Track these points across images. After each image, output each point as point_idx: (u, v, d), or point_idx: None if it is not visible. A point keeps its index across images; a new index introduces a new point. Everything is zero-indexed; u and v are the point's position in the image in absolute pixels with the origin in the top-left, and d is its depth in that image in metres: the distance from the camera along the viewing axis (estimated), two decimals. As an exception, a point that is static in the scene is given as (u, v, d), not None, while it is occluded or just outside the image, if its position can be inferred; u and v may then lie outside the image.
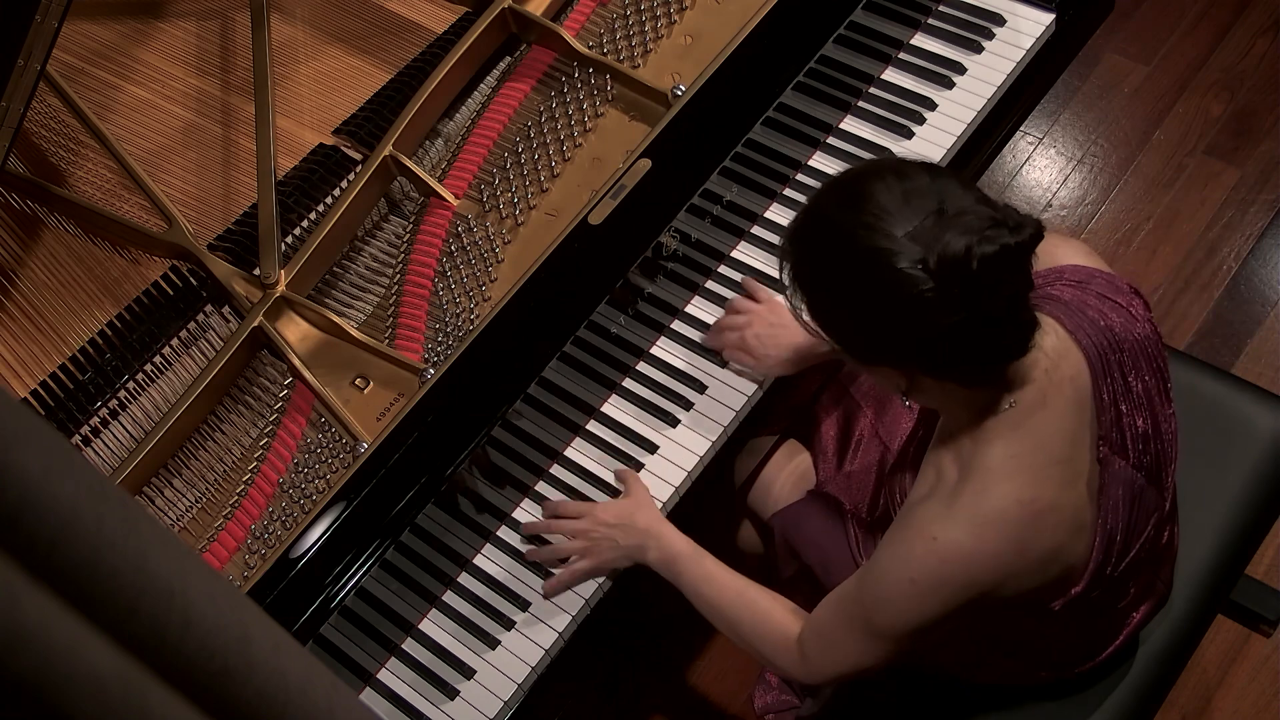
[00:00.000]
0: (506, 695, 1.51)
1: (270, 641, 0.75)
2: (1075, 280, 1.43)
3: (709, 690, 2.24)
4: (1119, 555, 1.42)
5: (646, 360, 1.70)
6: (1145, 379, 1.40)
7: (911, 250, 1.18)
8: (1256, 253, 2.58)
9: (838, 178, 1.30)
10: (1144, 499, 1.42)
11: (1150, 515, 1.45)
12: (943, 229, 1.18)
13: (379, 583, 1.54)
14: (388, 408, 1.60)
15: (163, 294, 1.70)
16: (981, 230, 1.17)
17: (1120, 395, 1.37)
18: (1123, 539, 1.41)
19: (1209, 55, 2.83)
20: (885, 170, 1.25)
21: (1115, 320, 1.39)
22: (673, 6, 1.85)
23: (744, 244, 1.76)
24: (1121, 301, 1.41)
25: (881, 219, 1.20)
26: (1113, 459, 1.38)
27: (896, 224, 1.19)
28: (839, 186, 1.28)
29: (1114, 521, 1.39)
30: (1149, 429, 1.41)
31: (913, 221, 1.19)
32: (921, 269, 1.18)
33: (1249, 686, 2.16)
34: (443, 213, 1.74)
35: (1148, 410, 1.40)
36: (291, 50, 1.92)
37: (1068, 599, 1.41)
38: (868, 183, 1.23)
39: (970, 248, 1.16)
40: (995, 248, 1.16)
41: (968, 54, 1.85)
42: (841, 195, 1.26)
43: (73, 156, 1.85)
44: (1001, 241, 1.16)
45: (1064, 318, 1.36)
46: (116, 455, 1.61)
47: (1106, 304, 1.40)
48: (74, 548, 0.61)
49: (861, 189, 1.23)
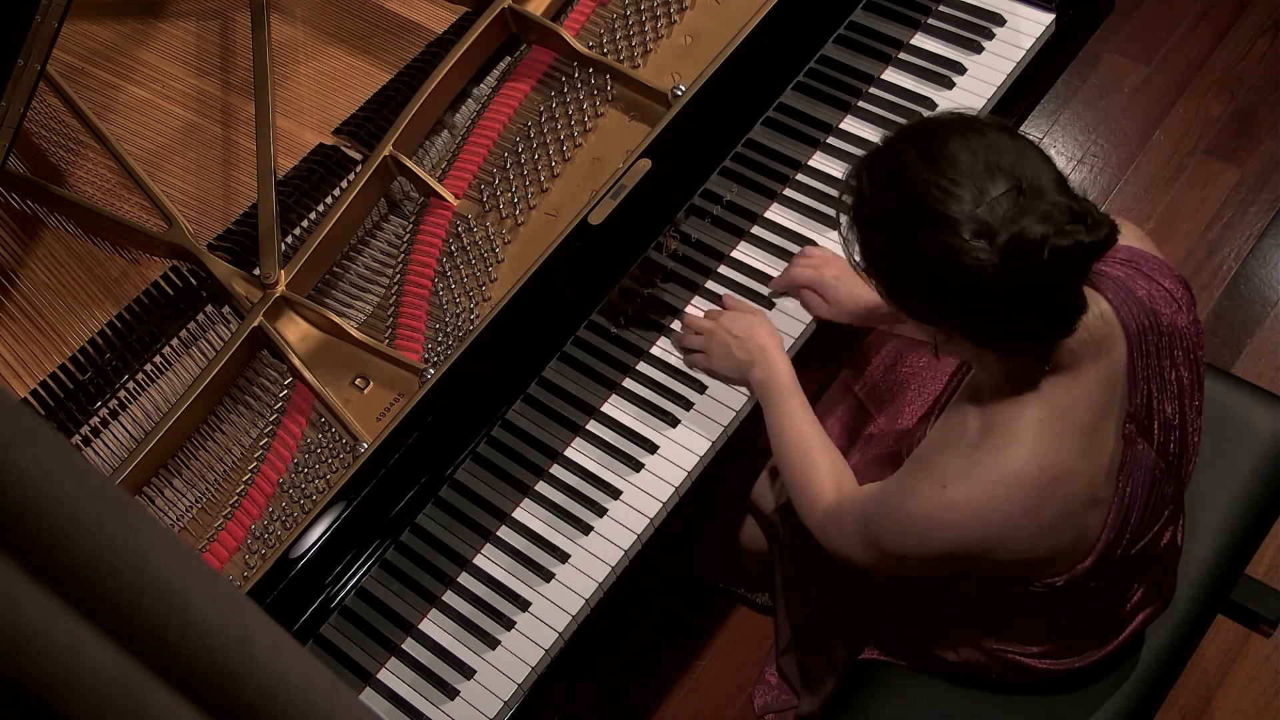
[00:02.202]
0: (506, 695, 1.51)
1: (270, 642, 0.75)
2: (1126, 259, 1.41)
3: (709, 690, 2.24)
4: (1131, 538, 1.41)
5: (646, 360, 1.70)
6: (1180, 370, 1.40)
7: (982, 223, 1.16)
8: (1256, 253, 2.58)
9: (921, 124, 1.27)
10: (1162, 487, 1.42)
11: (1165, 506, 1.45)
12: (1020, 210, 1.16)
13: (379, 583, 1.54)
14: (388, 408, 1.60)
15: (163, 294, 1.70)
16: (1061, 223, 1.15)
17: (1153, 377, 1.37)
18: (1137, 521, 1.41)
19: (1209, 55, 2.83)
20: (967, 127, 1.22)
21: (1160, 304, 1.38)
22: (673, 6, 1.85)
23: (744, 244, 1.76)
24: (1169, 287, 1.40)
25: (959, 184, 1.18)
26: (1137, 439, 1.38)
27: (971, 191, 1.17)
28: (921, 135, 1.24)
29: (1130, 500, 1.39)
30: (1176, 419, 1.40)
31: (989, 193, 1.17)
32: (988, 244, 1.16)
33: (1249, 686, 2.16)
34: (443, 213, 1.74)
35: (1178, 401, 1.40)
36: (291, 50, 1.92)
37: (1072, 575, 1.40)
38: (952, 140, 1.21)
39: (1046, 237, 1.14)
40: (1070, 242, 1.15)
41: (968, 54, 1.85)
42: (922, 146, 1.22)
43: (73, 156, 1.85)
44: (1077, 238, 1.15)
45: (1109, 293, 1.36)
46: (116, 455, 1.61)
47: (1154, 286, 1.39)
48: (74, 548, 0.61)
49: (944, 145, 1.20)
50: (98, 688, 0.60)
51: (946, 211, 1.18)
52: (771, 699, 2.11)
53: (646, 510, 1.60)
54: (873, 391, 1.86)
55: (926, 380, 1.83)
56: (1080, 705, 1.64)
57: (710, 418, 1.65)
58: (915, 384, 1.83)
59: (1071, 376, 1.30)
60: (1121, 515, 1.39)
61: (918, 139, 1.24)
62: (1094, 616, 1.54)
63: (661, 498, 1.60)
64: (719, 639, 2.27)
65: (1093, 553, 1.39)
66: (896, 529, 1.39)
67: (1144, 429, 1.38)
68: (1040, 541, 1.35)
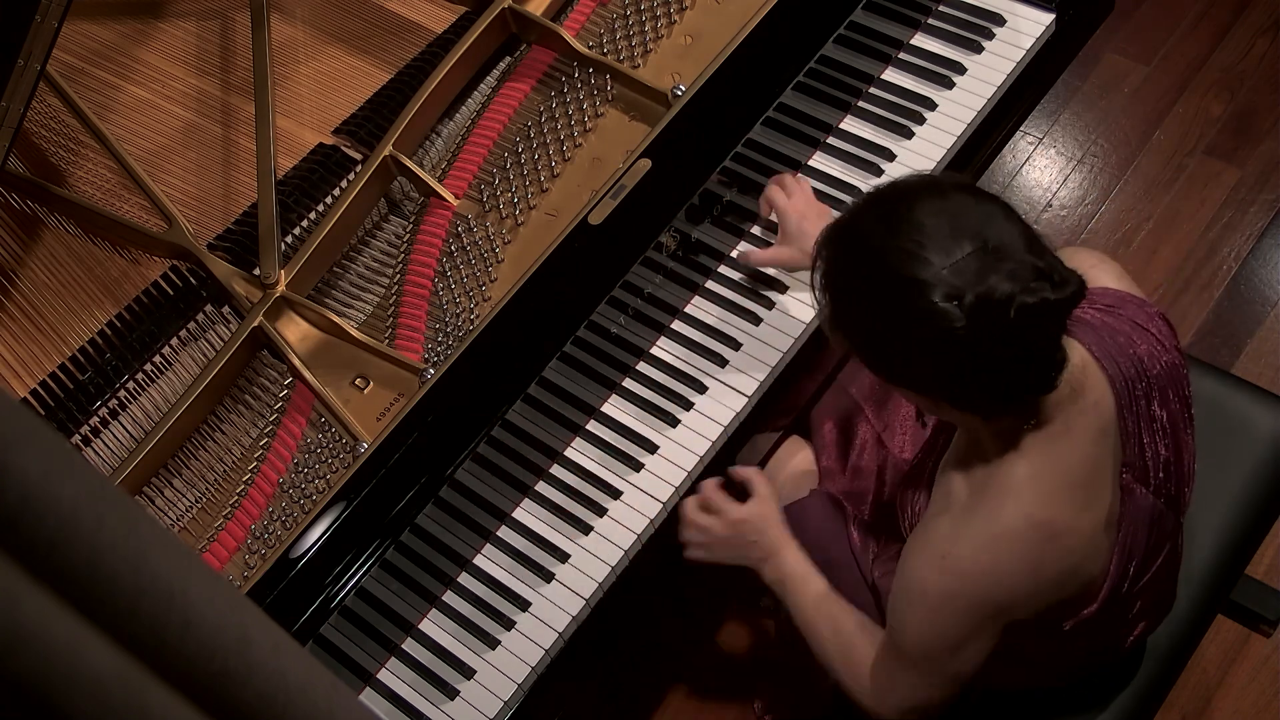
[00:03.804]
0: (506, 695, 1.51)
1: (270, 642, 0.75)
2: (1106, 304, 1.41)
3: (709, 690, 2.24)
4: (1134, 577, 1.42)
5: (646, 360, 1.70)
6: (1170, 406, 1.39)
7: (949, 285, 1.16)
8: (1256, 253, 2.58)
9: (882, 191, 1.27)
10: (1162, 523, 1.42)
11: (1167, 539, 1.45)
12: (986, 269, 1.16)
13: (379, 583, 1.54)
14: (388, 408, 1.60)
15: (163, 294, 1.70)
16: (1025, 280, 1.15)
17: (1144, 424, 1.36)
18: (1139, 562, 1.41)
19: (1209, 55, 2.83)
20: (930, 191, 1.22)
21: (1143, 348, 1.37)
22: (673, 6, 1.85)
23: (744, 244, 1.76)
24: (1151, 329, 1.39)
25: (923, 247, 1.17)
26: (1134, 486, 1.37)
27: (936, 254, 1.17)
28: (881, 202, 1.24)
29: (1132, 546, 1.38)
30: (1170, 456, 1.39)
31: (954, 255, 1.17)
32: (956, 305, 1.16)
33: (1249, 686, 2.16)
34: (443, 213, 1.74)
35: (1170, 438, 1.39)
36: (291, 50, 1.92)
37: (1079, 620, 1.40)
38: (912, 203, 1.21)
39: (1012, 295, 1.14)
40: (1036, 299, 1.14)
41: (968, 54, 1.85)
42: (883, 212, 1.23)
43: (73, 156, 1.85)
44: (1043, 295, 1.15)
45: (1092, 344, 1.34)
46: (116, 455, 1.61)
47: (1137, 331, 1.38)
48: (74, 548, 0.61)
49: (905, 209, 1.20)
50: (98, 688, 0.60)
51: (915, 275, 1.17)
52: (772, 700, 2.11)
53: (646, 510, 1.60)
54: (870, 393, 1.86)
55: None
56: (1081, 705, 1.64)
57: (710, 418, 1.65)
58: None
59: (1059, 431, 1.29)
60: (1124, 561, 1.39)
61: (880, 207, 1.24)
62: (1100, 641, 1.54)
63: (661, 498, 1.60)
64: (719, 639, 2.27)
65: (1097, 600, 1.39)
66: (915, 622, 1.36)
67: (1140, 476, 1.37)
68: (1047, 594, 1.34)
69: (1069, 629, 1.41)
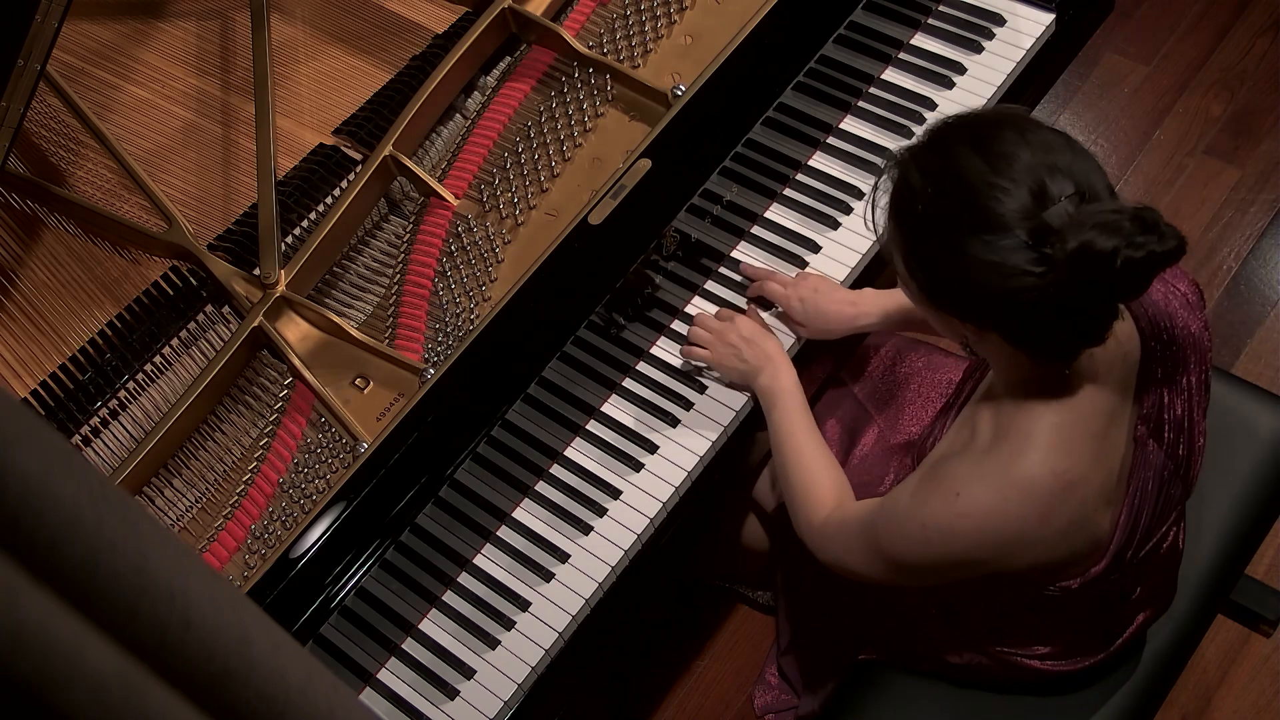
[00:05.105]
0: (506, 695, 1.51)
1: (270, 642, 0.75)
2: None
3: (709, 690, 2.24)
4: (1140, 540, 1.41)
5: (646, 360, 1.70)
6: (1191, 375, 1.39)
7: (1044, 227, 1.13)
8: (1256, 253, 2.58)
9: (974, 119, 1.22)
10: (1170, 488, 1.42)
11: (1173, 509, 1.45)
12: (1084, 217, 1.12)
13: (379, 583, 1.54)
14: (388, 408, 1.60)
15: (163, 294, 1.70)
16: (1132, 234, 1.11)
17: (1166, 379, 1.36)
18: (1146, 523, 1.40)
19: (1209, 55, 2.83)
20: (1027, 128, 1.18)
21: (1176, 307, 1.37)
22: (673, 6, 1.85)
23: (744, 244, 1.76)
24: (1184, 290, 1.39)
25: (1019, 183, 1.14)
26: (1148, 441, 1.37)
27: (1034, 194, 1.14)
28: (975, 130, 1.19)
29: (1141, 501, 1.38)
30: (1185, 421, 1.40)
31: (1051, 196, 1.13)
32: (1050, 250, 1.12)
33: (1249, 686, 2.16)
34: (443, 213, 1.74)
35: (1187, 404, 1.39)
36: (291, 50, 1.92)
37: (1086, 578, 1.39)
38: (1009, 136, 1.16)
39: (1118, 249, 1.10)
40: (1143, 254, 1.11)
41: (968, 54, 1.85)
42: (978, 142, 1.18)
43: (73, 156, 1.85)
44: (1150, 249, 1.11)
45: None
46: (116, 455, 1.61)
47: (1170, 289, 1.38)
48: (74, 548, 0.61)
49: (1001, 143, 1.16)
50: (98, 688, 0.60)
51: (1005, 213, 1.14)
52: (772, 699, 2.11)
53: (646, 510, 1.60)
54: (872, 392, 1.86)
55: (926, 380, 1.83)
56: (1080, 705, 1.64)
57: (710, 418, 1.65)
58: (915, 384, 1.83)
59: (1089, 382, 1.28)
60: (1133, 517, 1.38)
61: (971, 135, 1.19)
62: (1098, 617, 1.54)
63: (661, 498, 1.60)
64: (719, 638, 2.27)
65: (1106, 555, 1.38)
66: (908, 538, 1.36)
67: (1155, 431, 1.37)
68: (1055, 547, 1.33)
69: (1076, 587, 1.40)
